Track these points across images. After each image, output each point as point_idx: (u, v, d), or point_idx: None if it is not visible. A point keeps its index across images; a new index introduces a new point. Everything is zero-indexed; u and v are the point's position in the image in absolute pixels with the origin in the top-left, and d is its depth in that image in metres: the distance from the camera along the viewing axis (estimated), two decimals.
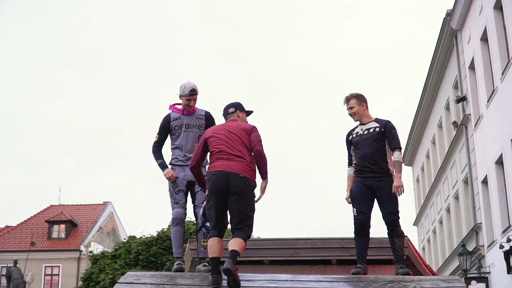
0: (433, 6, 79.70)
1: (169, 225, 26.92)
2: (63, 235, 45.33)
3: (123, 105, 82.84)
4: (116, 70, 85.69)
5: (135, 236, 26.94)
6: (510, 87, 17.03)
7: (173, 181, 6.98)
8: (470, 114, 21.53)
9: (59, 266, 44.01)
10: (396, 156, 6.90)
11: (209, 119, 7.23)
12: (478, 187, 20.94)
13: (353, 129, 7.21)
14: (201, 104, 7.42)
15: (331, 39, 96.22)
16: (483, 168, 20.20)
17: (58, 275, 43.87)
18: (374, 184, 6.87)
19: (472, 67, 21.15)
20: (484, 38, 19.52)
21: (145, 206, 75.66)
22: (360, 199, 6.89)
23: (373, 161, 6.91)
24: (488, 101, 19.22)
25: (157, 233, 26.19)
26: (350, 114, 7.15)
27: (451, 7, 21.90)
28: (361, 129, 7.09)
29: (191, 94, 7.11)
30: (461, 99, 21.94)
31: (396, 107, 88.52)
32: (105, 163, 76.71)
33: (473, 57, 20.79)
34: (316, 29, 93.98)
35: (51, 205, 49.14)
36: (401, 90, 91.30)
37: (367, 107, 7.18)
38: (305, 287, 5.69)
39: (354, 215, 6.89)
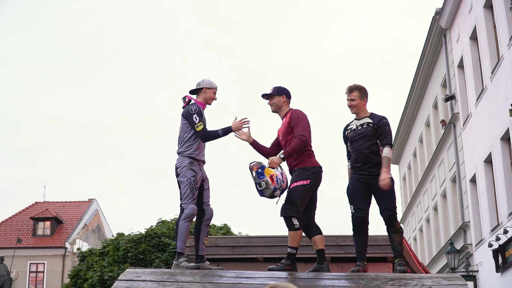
0: (422, 5, 79.96)
1: (158, 223, 26.88)
2: (48, 232, 45.04)
3: (112, 103, 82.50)
4: (106, 68, 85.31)
5: (123, 233, 26.74)
6: (500, 86, 17.08)
7: (194, 176, 6.82)
8: (458, 113, 21.58)
9: (44, 263, 43.73)
10: (385, 152, 6.81)
11: None
12: (466, 186, 21.00)
13: (349, 124, 7.14)
14: None
15: (320, 37, 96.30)
16: (472, 166, 20.27)
17: (43, 272, 43.58)
18: (370, 181, 6.81)
19: (461, 65, 21.21)
20: (474, 37, 19.57)
21: (130, 204, 75.43)
22: (357, 195, 6.82)
23: (366, 157, 6.84)
24: (477, 100, 19.28)
25: (145, 230, 26.07)
26: (350, 106, 7.03)
27: (441, 6, 21.95)
28: (356, 125, 7.03)
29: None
30: (450, 98, 21.98)
31: (385, 106, 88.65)
32: (92, 161, 76.21)
33: (462, 56, 20.83)
34: (305, 28, 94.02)
35: (36, 202, 48.77)
36: (389, 88, 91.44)
37: (367, 101, 7.12)
38: (306, 285, 5.64)
39: (351, 212, 6.80)
